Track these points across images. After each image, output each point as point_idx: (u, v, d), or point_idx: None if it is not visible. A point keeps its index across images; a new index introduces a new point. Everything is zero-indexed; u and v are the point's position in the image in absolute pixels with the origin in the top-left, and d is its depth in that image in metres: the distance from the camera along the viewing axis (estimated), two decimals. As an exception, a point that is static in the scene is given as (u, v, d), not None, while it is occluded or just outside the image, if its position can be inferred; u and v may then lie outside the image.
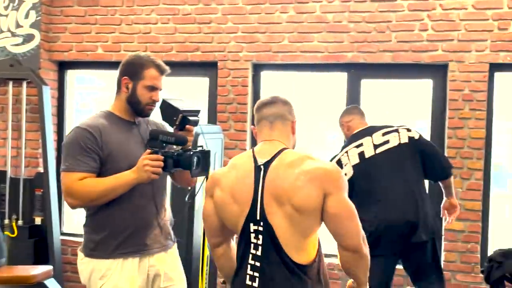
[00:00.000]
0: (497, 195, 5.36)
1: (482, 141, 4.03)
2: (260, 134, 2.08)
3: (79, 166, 2.20)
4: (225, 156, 4.45)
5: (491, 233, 4.14)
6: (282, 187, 1.87)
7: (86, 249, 2.33)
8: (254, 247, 1.91)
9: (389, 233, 3.12)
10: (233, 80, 4.46)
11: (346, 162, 3.30)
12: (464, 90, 4.04)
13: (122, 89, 2.33)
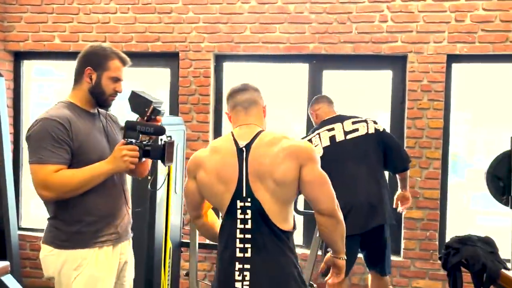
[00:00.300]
0: (455, 184, 5.49)
1: (440, 131, 4.12)
2: (236, 119, 2.26)
3: (52, 158, 2.16)
4: (188, 148, 4.42)
5: (449, 221, 4.24)
6: (264, 165, 2.08)
7: (56, 241, 2.27)
8: (241, 222, 2.10)
9: (354, 213, 3.27)
10: (195, 71, 4.42)
11: (317, 143, 3.47)
12: (423, 81, 4.12)
13: (84, 80, 2.30)
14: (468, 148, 5.83)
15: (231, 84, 4.62)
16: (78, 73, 2.32)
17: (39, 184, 2.17)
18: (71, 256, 2.24)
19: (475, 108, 4.77)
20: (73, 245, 2.24)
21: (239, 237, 2.10)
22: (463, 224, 5.27)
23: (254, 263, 2.08)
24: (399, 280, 4.18)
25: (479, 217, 5.56)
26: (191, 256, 3.79)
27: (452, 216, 4.32)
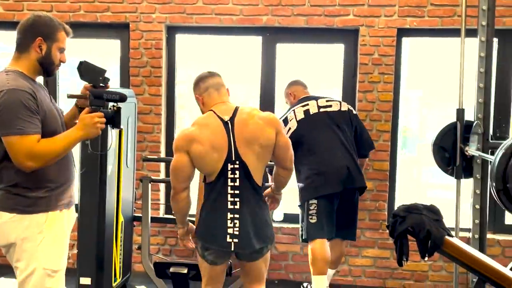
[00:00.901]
0: (407, 159, 5.62)
1: (390, 104, 4.20)
2: (210, 99, 2.72)
3: (31, 128, 2.19)
4: (140, 121, 4.35)
5: (400, 194, 4.36)
6: (250, 133, 2.59)
7: (18, 206, 2.28)
8: (231, 181, 2.59)
9: (335, 174, 3.50)
10: (146, 42, 4.33)
11: (292, 118, 3.64)
12: (374, 54, 4.17)
13: (33, 49, 2.30)
14: (419, 124, 5.99)
15: (184, 56, 4.58)
16: (25, 43, 2.31)
17: (24, 155, 2.17)
18: (34, 221, 2.27)
19: (426, 85, 4.89)
20: (37, 210, 2.28)
21: (230, 192, 2.58)
22: (414, 197, 5.43)
23: (242, 213, 2.58)
24: (349, 249, 4.29)
25: (429, 190, 5.74)
26: (143, 230, 3.78)
27: (403, 189, 4.45)
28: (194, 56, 4.74)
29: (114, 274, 3.74)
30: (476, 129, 3.44)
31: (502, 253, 4.12)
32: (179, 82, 4.56)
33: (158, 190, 4.42)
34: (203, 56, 4.79)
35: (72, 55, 4.58)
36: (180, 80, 4.58)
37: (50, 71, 2.37)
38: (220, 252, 2.64)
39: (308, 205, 3.51)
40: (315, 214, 3.50)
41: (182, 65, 4.53)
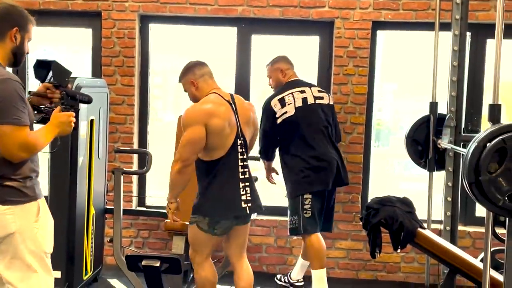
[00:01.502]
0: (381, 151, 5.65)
1: (364, 96, 4.21)
2: (206, 84, 2.99)
3: (26, 120, 2.21)
4: (112, 112, 4.27)
5: (373, 186, 4.38)
6: (247, 114, 3.03)
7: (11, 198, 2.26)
8: (240, 154, 2.95)
9: (329, 171, 3.54)
10: (119, 31, 4.24)
11: (290, 102, 3.58)
12: (349, 47, 4.17)
13: (9, 39, 2.28)
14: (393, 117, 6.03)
15: (158, 46, 4.49)
16: (1, 32, 2.28)
17: (18, 146, 2.18)
18: (30, 210, 2.31)
19: (400, 79, 4.91)
20: (29, 199, 2.30)
21: (240, 164, 2.94)
22: (387, 189, 5.48)
23: (250, 181, 2.99)
24: (324, 242, 4.30)
25: (402, 182, 5.79)
26: (115, 223, 3.72)
27: (376, 182, 4.47)
28: (168, 46, 4.67)
29: (85, 267, 3.68)
30: (449, 122, 3.48)
31: (472, 245, 4.18)
32: (153, 72, 4.49)
33: (130, 182, 4.35)
34: (177, 46, 4.73)
35: (41, 44, 4.47)
36: (154, 70, 4.51)
37: (19, 62, 2.37)
38: (232, 221, 2.96)
39: (302, 199, 3.51)
40: (310, 209, 3.51)
41: (156, 55, 4.46)
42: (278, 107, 3.57)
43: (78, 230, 3.51)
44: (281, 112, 3.56)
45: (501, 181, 2.15)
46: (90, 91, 3.56)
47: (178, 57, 4.83)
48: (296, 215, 3.55)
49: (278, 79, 3.75)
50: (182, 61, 3.24)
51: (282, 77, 3.73)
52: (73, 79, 3.37)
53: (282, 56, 3.80)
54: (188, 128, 2.83)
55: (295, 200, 3.55)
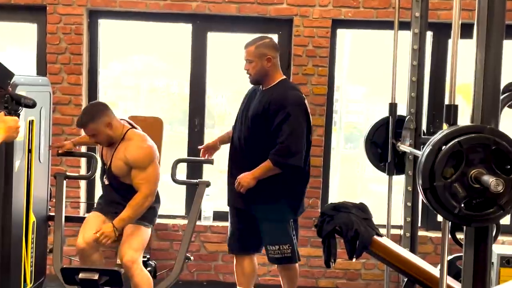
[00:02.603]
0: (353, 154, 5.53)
1: (324, 97, 4.06)
2: (118, 121, 3.18)
3: None
4: (58, 112, 4.02)
5: (342, 188, 4.24)
6: None
7: None
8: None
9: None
10: (65, 27, 3.99)
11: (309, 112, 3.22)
12: (308, 45, 4.01)
13: None
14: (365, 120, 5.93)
15: (108, 43, 4.25)
16: None
17: None
18: None
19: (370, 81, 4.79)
20: None
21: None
22: (355, 192, 5.36)
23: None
24: (282, 248, 4.12)
25: (371, 184, 5.70)
26: (55, 231, 3.47)
27: (345, 184, 4.34)
28: (119, 43, 4.43)
29: (24, 278, 3.42)
30: (408, 124, 3.34)
31: (434, 251, 4.07)
32: (104, 71, 4.26)
33: (78, 187, 4.10)
34: (129, 44, 4.50)
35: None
36: (105, 69, 4.28)
37: None
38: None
39: (293, 223, 3.21)
40: (295, 234, 3.22)
41: (107, 52, 4.22)
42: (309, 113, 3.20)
43: (14, 239, 3.24)
44: (310, 119, 3.22)
45: (457, 187, 2.00)
46: (29, 89, 3.34)
47: (131, 54, 4.61)
48: (289, 240, 3.16)
49: (262, 69, 3.10)
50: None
51: (268, 67, 3.10)
52: (10, 81, 3.12)
53: (272, 42, 3.20)
54: (152, 164, 3.10)
55: (287, 223, 3.17)
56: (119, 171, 3.24)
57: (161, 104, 5.03)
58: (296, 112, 3.01)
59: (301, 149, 3.04)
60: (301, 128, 3.04)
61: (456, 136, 2.04)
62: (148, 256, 3.85)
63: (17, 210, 3.27)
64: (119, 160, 3.22)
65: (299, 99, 3.08)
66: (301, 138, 3.05)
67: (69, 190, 4.07)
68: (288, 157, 3.01)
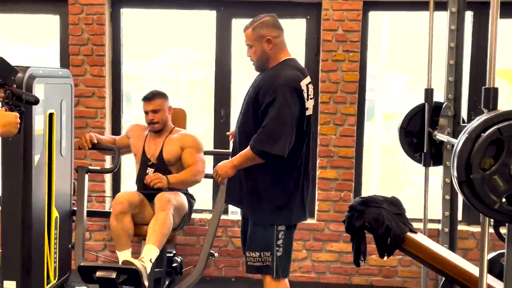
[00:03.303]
0: (392, 145, 5.25)
1: (356, 84, 3.84)
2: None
3: None
4: (82, 104, 3.95)
5: (378, 181, 4.03)
6: None
7: None
8: None
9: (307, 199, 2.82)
10: (87, 17, 3.90)
11: (311, 97, 2.68)
12: (338, 30, 3.79)
13: None
14: (407, 110, 5.68)
15: (131, 33, 4.13)
16: None
17: None
18: None
19: (413, 69, 4.54)
20: None
21: None
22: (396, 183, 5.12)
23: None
24: (313, 243, 3.94)
25: (413, 175, 5.48)
26: (77, 226, 3.39)
27: (386, 175, 4.13)
28: (141, 32, 4.32)
29: (47, 275, 3.36)
30: (446, 111, 3.09)
31: (476, 246, 3.80)
32: (127, 61, 4.16)
33: (103, 181, 4.02)
34: (152, 33, 4.38)
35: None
36: (128, 59, 4.17)
37: None
38: None
39: (276, 231, 2.66)
40: (282, 245, 2.68)
41: (130, 42, 4.12)
42: (305, 95, 2.60)
43: (35, 236, 3.18)
44: (306, 105, 2.62)
45: (497, 180, 1.78)
46: (48, 81, 3.26)
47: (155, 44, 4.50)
48: (270, 251, 2.67)
49: (263, 52, 2.66)
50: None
51: (269, 49, 2.65)
52: (25, 69, 3.05)
53: (266, 17, 2.72)
54: (202, 152, 3.39)
55: (269, 230, 2.66)
56: (171, 156, 3.37)
57: (201, 96, 4.91)
58: (284, 93, 2.51)
59: (286, 136, 2.51)
60: (288, 112, 2.51)
61: (496, 122, 1.82)
62: (174, 251, 3.76)
63: (38, 205, 3.21)
64: (173, 145, 3.38)
65: (291, 80, 2.55)
66: (288, 124, 2.51)
67: (95, 184, 4.01)
68: (268, 144, 2.50)
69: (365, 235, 2.65)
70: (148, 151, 3.43)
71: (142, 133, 3.50)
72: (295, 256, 3.92)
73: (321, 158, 3.88)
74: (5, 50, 4.43)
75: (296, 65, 2.69)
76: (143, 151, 3.44)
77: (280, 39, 2.70)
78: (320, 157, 3.88)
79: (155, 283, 3.29)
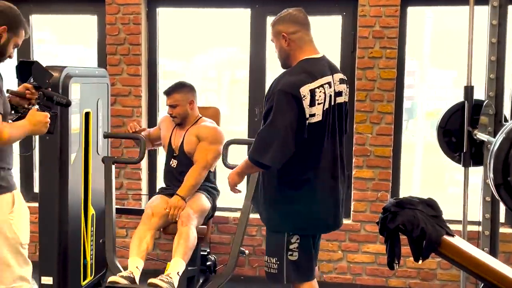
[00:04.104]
0: (432, 143, 5.11)
1: (393, 82, 3.74)
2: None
3: (1, 108, 2.20)
4: (118, 103, 4.00)
5: (421, 180, 3.93)
6: None
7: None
8: None
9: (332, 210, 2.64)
10: (124, 17, 3.95)
11: (321, 101, 2.41)
12: (375, 26, 3.71)
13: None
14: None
15: (167, 32, 4.17)
16: None
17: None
18: (5, 201, 2.32)
19: (457, 65, 4.39)
20: (4, 190, 2.32)
21: None
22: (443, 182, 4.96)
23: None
24: (349, 244, 3.87)
25: (458, 174, 5.33)
26: (107, 221, 3.37)
27: (431, 174, 4.01)
28: (177, 32, 4.33)
29: (85, 271, 3.42)
30: (487, 110, 2.98)
31: (520, 250, 3.65)
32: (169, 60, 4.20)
33: (139, 179, 4.06)
34: (187, 32, 4.39)
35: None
36: (164, 58, 4.20)
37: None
38: None
39: (298, 240, 2.54)
40: (296, 252, 2.54)
41: (166, 42, 4.14)
42: (307, 101, 2.36)
43: (71, 233, 3.24)
44: (309, 112, 2.38)
45: (537, 183, 1.68)
46: (85, 81, 3.32)
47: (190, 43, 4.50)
48: (277, 256, 2.54)
49: (282, 49, 2.52)
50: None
51: (286, 46, 2.49)
52: (61, 68, 3.11)
53: (289, 11, 2.55)
54: (217, 144, 3.31)
55: (280, 237, 2.54)
56: (190, 147, 3.37)
57: (242, 95, 4.92)
58: (280, 100, 2.35)
59: (278, 146, 2.34)
60: (283, 121, 2.34)
61: (536, 122, 1.71)
62: (208, 250, 3.76)
63: (74, 203, 3.27)
64: (192, 135, 3.38)
65: (289, 86, 2.37)
66: (280, 133, 2.34)
67: (131, 182, 4.06)
68: (259, 153, 2.38)
69: (400, 238, 2.57)
70: (174, 142, 3.47)
71: (171, 124, 3.52)
72: (330, 257, 3.87)
73: (357, 158, 3.80)
74: (57, 51, 4.54)
75: (308, 67, 2.45)
76: (169, 142, 3.48)
77: (298, 35, 2.49)
78: (356, 156, 3.81)
79: (189, 282, 3.29)
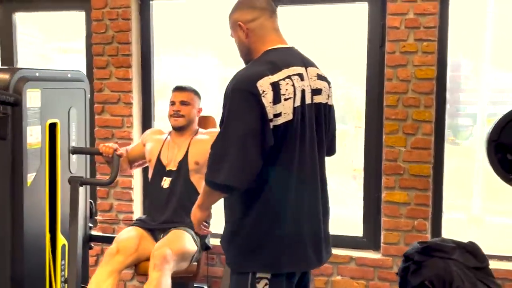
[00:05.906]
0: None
1: (432, 82, 2.99)
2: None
3: None
4: (107, 112, 3.46)
5: (446, 204, 3.16)
6: None
7: None
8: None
9: (312, 238, 2.00)
10: (111, 11, 3.41)
11: (289, 96, 1.85)
12: (408, 13, 2.98)
13: None
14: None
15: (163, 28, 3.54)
16: None
17: None
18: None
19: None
20: None
21: None
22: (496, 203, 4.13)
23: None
24: (378, 284, 3.14)
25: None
26: (70, 255, 2.80)
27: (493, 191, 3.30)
28: (176, 27, 3.76)
29: (53, 313, 2.87)
30: (554, 118, 2.20)
31: None
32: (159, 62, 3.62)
33: (130, 200, 3.50)
34: (185, 27, 3.81)
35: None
36: (160, 59, 3.63)
37: None
38: None
39: (253, 281, 1.91)
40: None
41: (162, 40, 3.57)
42: (269, 98, 1.80)
43: (30, 268, 2.68)
44: (274, 111, 1.81)
45: None
46: (48, 86, 2.76)
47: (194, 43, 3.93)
48: None
49: (241, 42, 2.00)
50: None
51: (245, 38, 1.97)
52: (14, 70, 2.59)
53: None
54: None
55: (242, 279, 1.93)
56: (201, 156, 2.87)
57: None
58: (234, 101, 1.82)
59: (236, 160, 1.78)
60: (239, 127, 1.80)
61: None
62: (206, 286, 3.16)
63: (35, 232, 2.72)
64: (203, 144, 2.89)
65: (243, 81, 1.83)
66: (238, 143, 1.79)
67: (121, 204, 3.52)
68: (212, 171, 1.82)
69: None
70: (165, 157, 2.96)
71: (160, 137, 3.02)
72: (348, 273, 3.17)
73: (387, 177, 3.08)
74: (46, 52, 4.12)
75: (272, 57, 1.90)
76: (158, 158, 2.96)
77: (258, 23, 1.95)
78: (386, 175, 3.08)
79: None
